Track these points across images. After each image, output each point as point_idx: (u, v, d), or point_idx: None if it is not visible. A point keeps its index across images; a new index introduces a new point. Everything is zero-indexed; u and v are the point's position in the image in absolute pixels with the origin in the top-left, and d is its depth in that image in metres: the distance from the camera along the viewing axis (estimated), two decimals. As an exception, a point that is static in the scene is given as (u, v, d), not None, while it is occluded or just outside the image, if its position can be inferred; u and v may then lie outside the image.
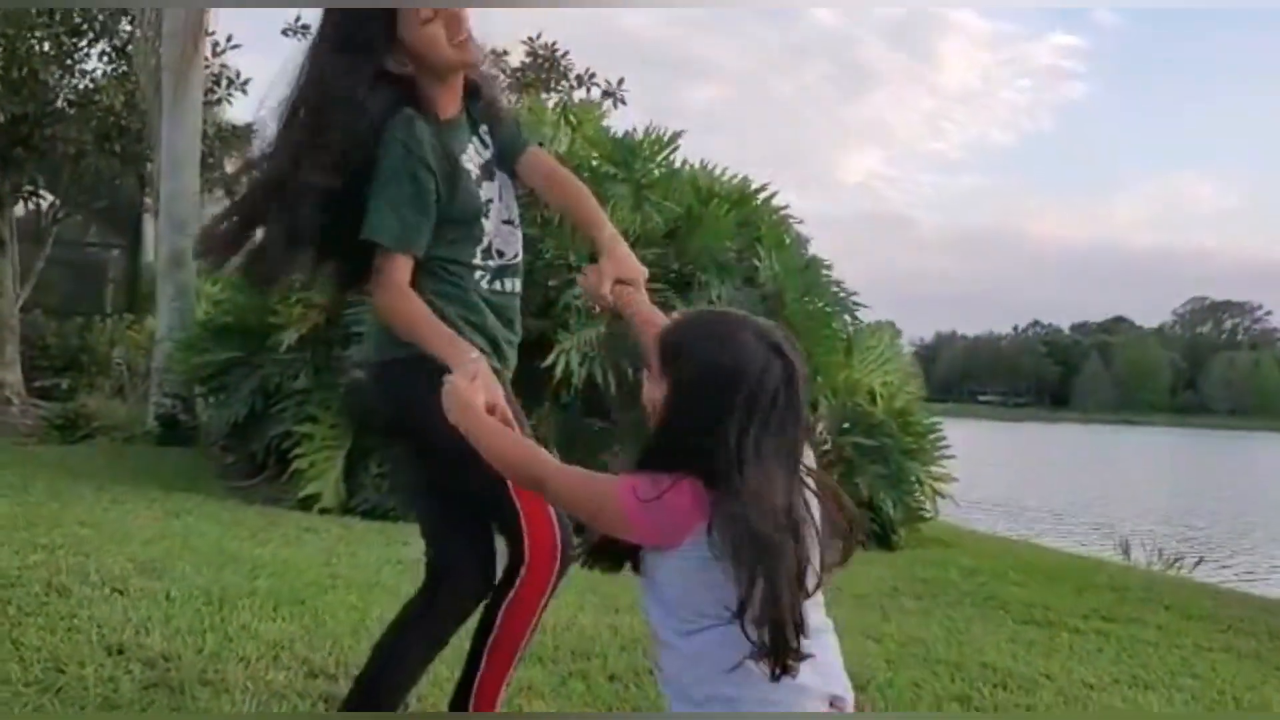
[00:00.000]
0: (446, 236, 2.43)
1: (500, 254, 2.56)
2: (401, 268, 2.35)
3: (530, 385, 7.35)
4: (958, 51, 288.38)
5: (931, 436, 8.54)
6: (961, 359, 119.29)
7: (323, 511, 6.98)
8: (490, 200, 2.53)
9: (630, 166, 8.11)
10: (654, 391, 1.78)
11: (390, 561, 5.14)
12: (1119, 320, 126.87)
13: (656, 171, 8.34)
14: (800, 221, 8.91)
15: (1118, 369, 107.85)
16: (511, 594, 2.40)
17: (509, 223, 2.60)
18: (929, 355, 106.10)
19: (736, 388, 1.66)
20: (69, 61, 13.87)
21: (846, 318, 8.53)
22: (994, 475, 21.58)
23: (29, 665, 2.87)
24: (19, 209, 14.74)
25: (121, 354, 12.95)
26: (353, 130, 2.32)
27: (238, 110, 15.06)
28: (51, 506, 5.69)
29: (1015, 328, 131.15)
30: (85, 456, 8.92)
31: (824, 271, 8.50)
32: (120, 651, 3.09)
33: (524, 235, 8.60)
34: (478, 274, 2.50)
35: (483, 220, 2.50)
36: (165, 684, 2.85)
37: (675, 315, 2.02)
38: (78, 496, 6.28)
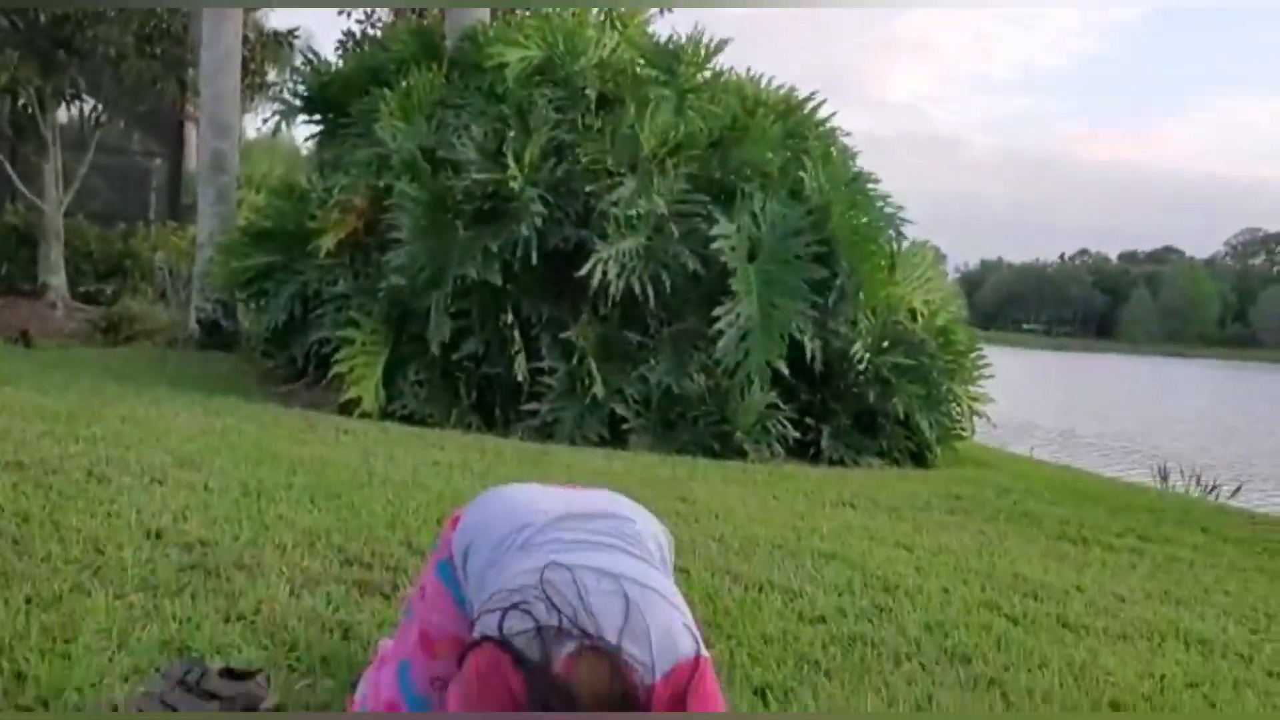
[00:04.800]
0: None
1: None
2: None
3: (567, 295, 7.34)
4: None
5: (972, 355, 8.46)
6: (1007, 286, 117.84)
7: (362, 416, 7.04)
8: None
9: (674, 72, 7.99)
10: None
11: (427, 463, 5.18)
12: (1169, 250, 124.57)
13: (700, 77, 8.22)
14: (848, 134, 8.76)
15: (1166, 299, 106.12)
16: None
17: None
18: (974, 282, 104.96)
19: None
20: (111, -37, 13.80)
21: (891, 233, 8.40)
22: (1035, 402, 21.42)
23: (69, 545, 2.91)
24: (61, 114, 14.78)
25: (164, 259, 13.04)
26: None
27: (279, 17, 14.98)
28: (94, 403, 5.76)
29: (1062, 255, 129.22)
30: (128, 359, 9.03)
31: (870, 186, 8.37)
32: (158, 536, 3.13)
33: (560, 140, 8.50)
34: None
35: None
36: (202, 567, 2.89)
37: None
38: (120, 395, 6.36)
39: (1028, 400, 20.55)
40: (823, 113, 8.58)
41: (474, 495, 2.07)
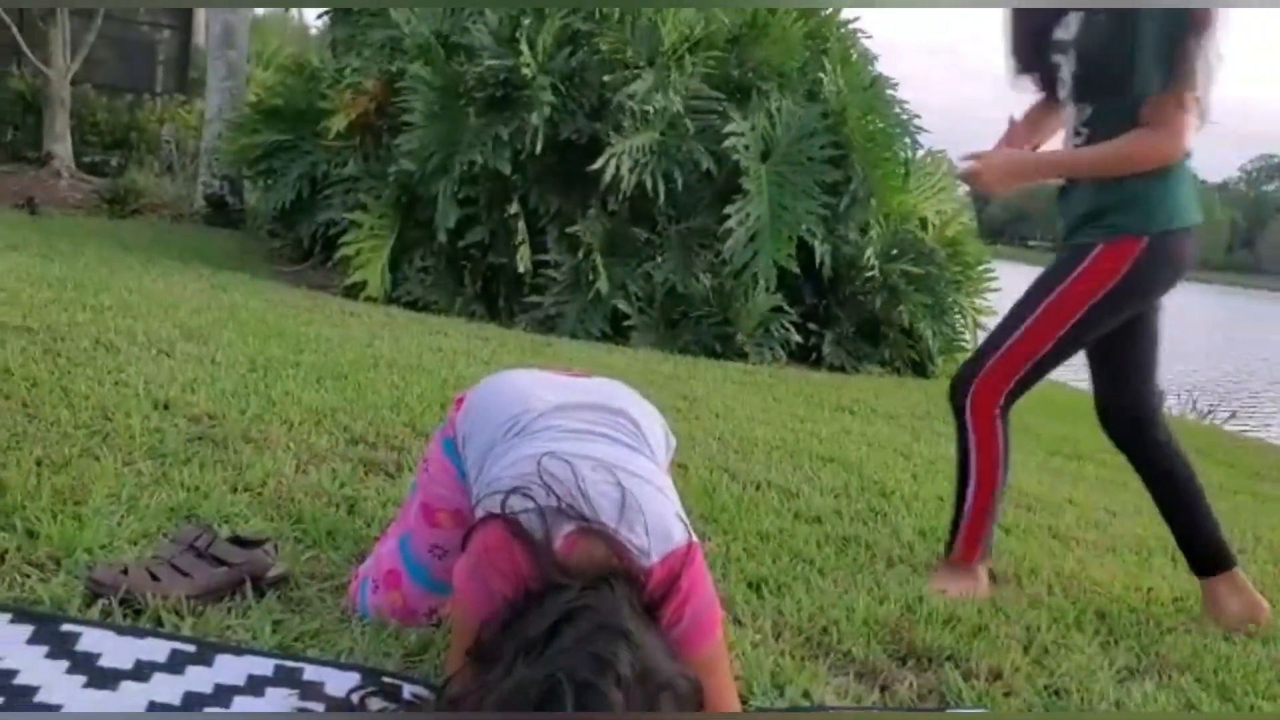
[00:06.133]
0: None
1: None
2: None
3: (577, 188, 7.29)
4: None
5: (980, 267, 8.45)
6: (1016, 202, 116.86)
7: (367, 299, 7.05)
8: None
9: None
10: None
11: (431, 348, 5.21)
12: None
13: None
14: (869, 37, 8.59)
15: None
16: None
17: None
18: (984, 196, 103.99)
19: None
20: None
21: (907, 141, 8.30)
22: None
23: (78, 411, 2.94)
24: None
25: (171, 132, 12.90)
26: None
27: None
28: (101, 272, 5.77)
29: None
30: (134, 231, 9.01)
31: (889, 92, 8.25)
32: (166, 407, 3.16)
33: (575, 29, 8.27)
34: None
35: None
36: (210, 439, 2.92)
37: None
38: (126, 266, 6.36)
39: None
40: (845, 14, 8.42)
41: (477, 381, 2.09)
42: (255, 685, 1.71)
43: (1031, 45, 2.79)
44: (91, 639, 1.74)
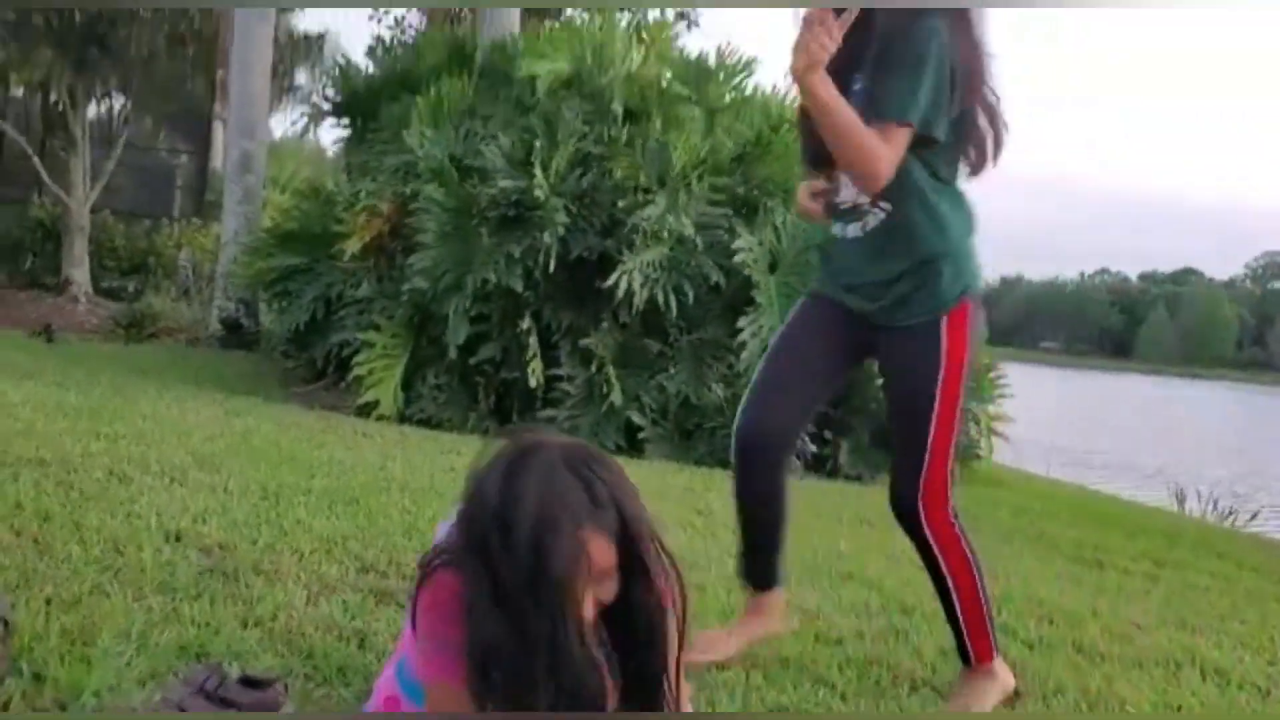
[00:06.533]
0: None
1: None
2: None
3: (589, 303, 7.36)
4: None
5: (990, 375, 8.44)
6: (1025, 304, 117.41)
7: (380, 419, 7.06)
8: None
9: (703, 90, 8.01)
10: None
11: (444, 469, 5.19)
12: (1188, 271, 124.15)
13: (729, 97, 8.24)
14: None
15: (1184, 321, 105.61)
16: None
17: None
18: (992, 299, 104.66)
19: None
20: (144, -37, 13.89)
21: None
22: (1052, 421, 21.32)
23: (89, 546, 2.93)
24: (91, 111, 14.90)
25: (187, 257, 13.12)
26: None
27: (310, 20, 15.08)
28: (115, 400, 5.80)
29: (1082, 274, 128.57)
30: (149, 355, 9.09)
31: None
32: (178, 538, 3.15)
33: (587, 152, 8.45)
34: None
35: None
36: (221, 571, 2.90)
37: None
38: (141, 392, 6.40)
39: (1047, 419, 20.47)
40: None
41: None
42: (264, 835, 1.67)
43: None
44: (97, 790, 1.71)
